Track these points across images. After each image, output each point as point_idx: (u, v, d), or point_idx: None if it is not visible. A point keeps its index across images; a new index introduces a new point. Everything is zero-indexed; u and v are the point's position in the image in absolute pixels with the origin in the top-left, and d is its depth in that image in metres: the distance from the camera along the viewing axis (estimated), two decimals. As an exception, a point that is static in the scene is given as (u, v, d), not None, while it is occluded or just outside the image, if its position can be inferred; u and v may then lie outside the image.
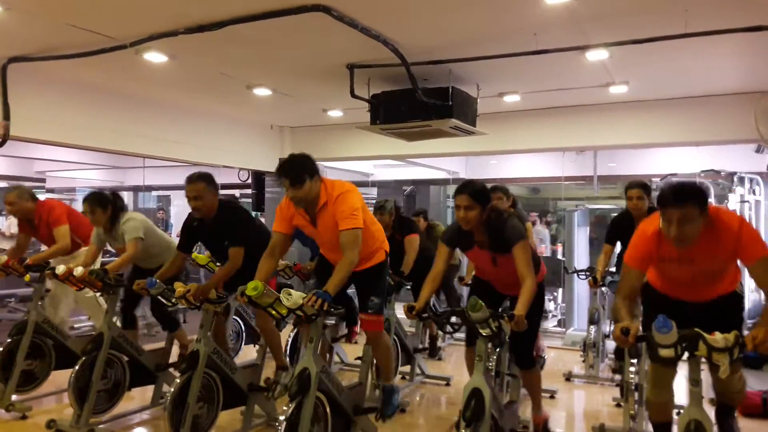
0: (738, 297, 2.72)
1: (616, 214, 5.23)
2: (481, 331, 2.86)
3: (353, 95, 5.65)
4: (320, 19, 4.14)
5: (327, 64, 5.53)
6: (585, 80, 6.00)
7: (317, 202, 3.44)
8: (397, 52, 4.89)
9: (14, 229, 10.30)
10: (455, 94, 5.70)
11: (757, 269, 2.53)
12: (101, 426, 4.13)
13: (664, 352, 2.32)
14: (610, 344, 6.24)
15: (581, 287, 8.11)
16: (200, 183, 4.00)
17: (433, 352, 5.55)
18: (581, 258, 8.57)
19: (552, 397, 5.13)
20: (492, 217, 3.30)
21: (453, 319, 3.21)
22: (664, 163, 9.54)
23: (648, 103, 6.75)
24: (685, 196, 2.50)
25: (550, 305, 9.27)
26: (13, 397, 4.54)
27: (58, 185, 14.63)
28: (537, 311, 3.47)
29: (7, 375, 4.53)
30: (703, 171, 8.83)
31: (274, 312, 3.14)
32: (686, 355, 2.39)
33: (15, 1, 4.05)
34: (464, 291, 7.49)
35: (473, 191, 3.25)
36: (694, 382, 2.46)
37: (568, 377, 5.73)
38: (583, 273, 5.85)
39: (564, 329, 8.10)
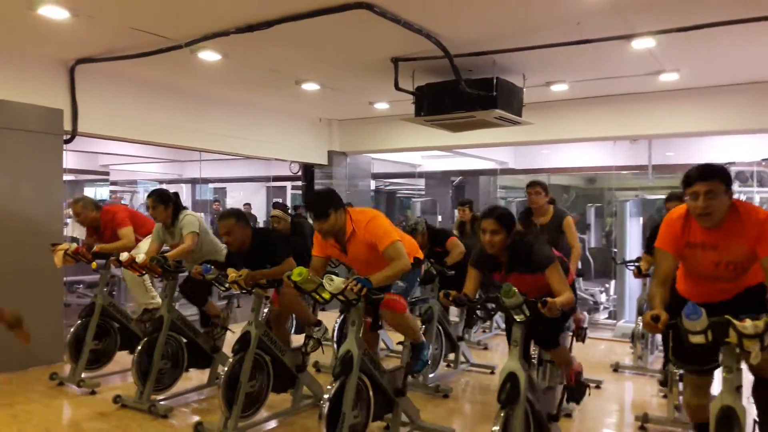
0: (762, 288, 2.69)
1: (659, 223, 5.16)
2: (515, 317, 2.94)
3: (397, 88, 5.76)
4: (364, 15, 4.26)
5: (372, 59, 5.65)
6: (633, 68, 5.92)
7: (344, 231, 3.65)
8: (440, 45, 4.96)
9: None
10: (500, 84, 5.72)
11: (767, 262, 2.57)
12: (162, 402, 4.42)
13: (695, 339, 2.35)
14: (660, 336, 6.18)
15: (633, 279, 8.01)
16: (230, 219, 4.23)
17: (470, 324, 5.78)
18: (634, 249, 8.45)
19: (598, 387, 5.14)
20: (516, 240, 3.35)
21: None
22: (724, 152, 9.27)
23: (701, 90, 6.59)
24: (711, 172, 2.64)
25: (601, 297, 9.19)
26: (83, 375, 4.90)
27: (121, 178, 15.33)
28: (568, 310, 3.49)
29: (78, 354, 4.90)
30: (764, 159, 8.57)
31: (318, 297, 3.31)
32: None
33: (81, 7, 4.34)
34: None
35: (499, 216, 3.31)
36: (728, 369, 2.49)
37: (616, 368, 5.71)
38: (632, 264, 5.80)
39: (615, 321, 8.03)
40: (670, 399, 4.25)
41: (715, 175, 2.63)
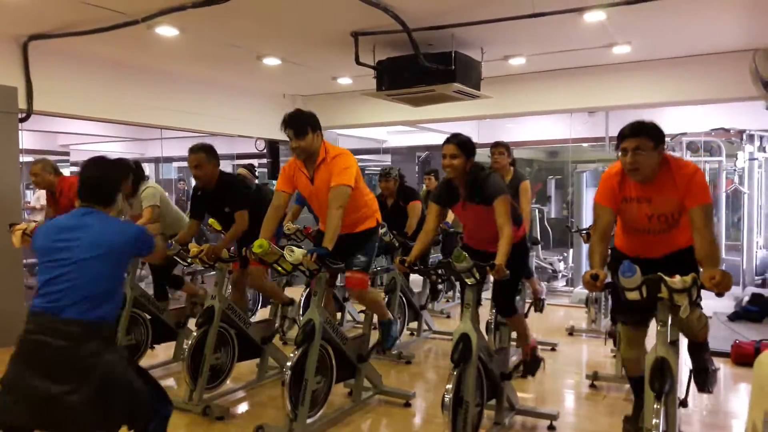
0: (692, 250, 2.83)
1: None
2: (466, 280, 3.08)
3: (358, 62, 5.80)
4: (321, -11, 4.29)
5: (332, 33, 5.67)
6: (588, 41, 6.05)
7: (316, 157, 3.68)
8: (397, 19, 5.00)
9: (43, 201, 10.74)
10: (458, 58, 5.80)
11: (695, 213, 2.73)
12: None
13: (630, 295, 2.52)
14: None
15: (590, 247, 8.27)
16: (201, 153, 4.26)
17: (435, 296, 6.35)
18: (590, 219, 8.68)
19: (553, 349, 5.37)
20: (474, 171, 3.48)
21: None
22: (677, 123, 9.55)
23: (652, 62, 6.78)
24: (640, 130, 2.78)
25: (560, 265, 9.46)
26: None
27: (82, 158, 14.98)
28: (519, 265, 3.64)
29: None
30: (713, 129, 8.84)
31: (279, 268, 3.38)
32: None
33: (31, -18, 4.28)
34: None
35: (459, 141, 3.45)
36: (662, 323, 2.67)
37: (571, 332, 5.95)
38: (585, 232, 6.01)
39: (572, 288, 8.30)
40: (618, 357, 4.48)
41: (643, 132, 2.76)
